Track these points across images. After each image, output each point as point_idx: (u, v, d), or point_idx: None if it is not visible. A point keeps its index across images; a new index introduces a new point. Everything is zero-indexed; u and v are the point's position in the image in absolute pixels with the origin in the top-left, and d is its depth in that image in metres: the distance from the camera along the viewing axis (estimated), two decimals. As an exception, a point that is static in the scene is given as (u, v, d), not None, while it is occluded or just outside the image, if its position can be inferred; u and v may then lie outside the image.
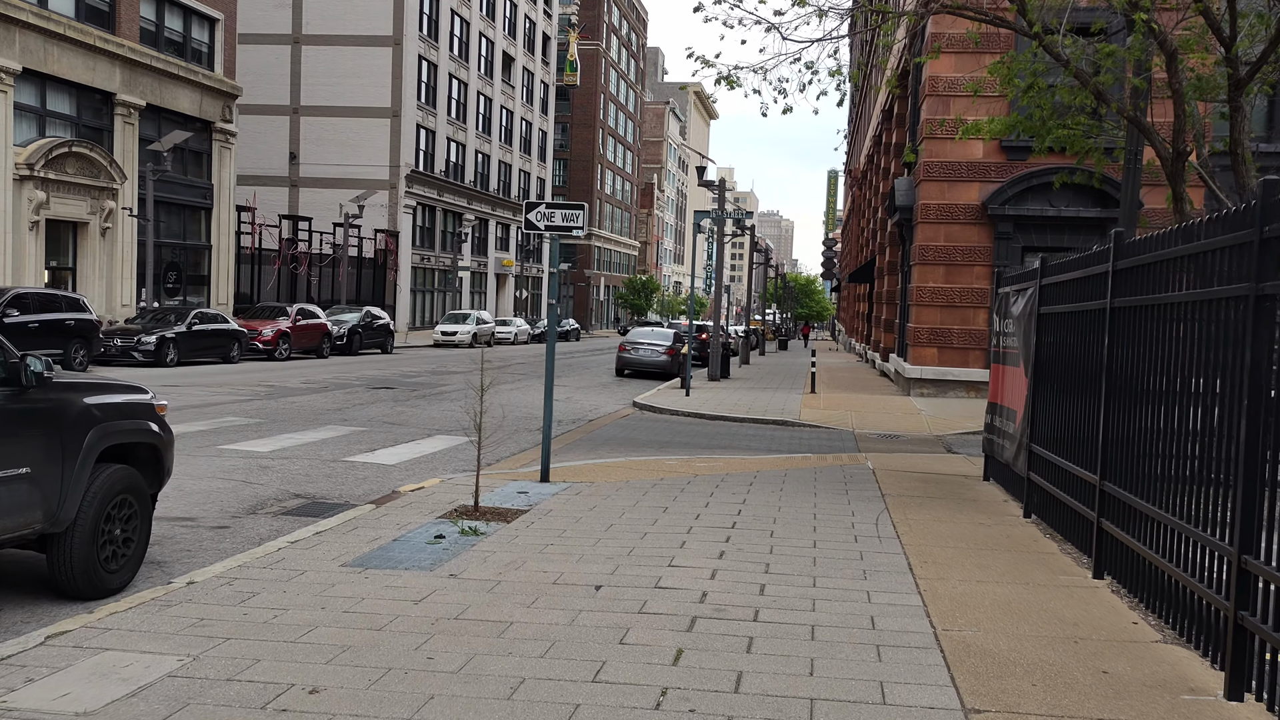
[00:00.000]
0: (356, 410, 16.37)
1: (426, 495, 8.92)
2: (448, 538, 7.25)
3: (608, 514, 8.28)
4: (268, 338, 28.20)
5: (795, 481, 10.28)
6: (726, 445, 14.51)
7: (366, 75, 53.86)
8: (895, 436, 16.16)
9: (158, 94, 33.54)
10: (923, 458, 12.91)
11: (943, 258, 21.36)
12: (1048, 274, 8.46)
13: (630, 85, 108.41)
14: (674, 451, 13.51)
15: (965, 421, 17.97)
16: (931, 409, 19.75)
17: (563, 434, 15.10)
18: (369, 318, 35.33)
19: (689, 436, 15.43)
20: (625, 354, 28.55)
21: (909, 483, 10.44)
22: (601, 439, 14.71)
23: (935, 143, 21.15)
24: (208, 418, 14.36)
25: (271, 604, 5.47)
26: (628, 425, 16.63)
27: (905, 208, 22.60)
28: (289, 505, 8.77)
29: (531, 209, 9.84)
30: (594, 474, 10.58)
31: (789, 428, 17.10)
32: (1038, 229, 21.03)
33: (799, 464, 11.84)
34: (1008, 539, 7.80)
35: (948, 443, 15.74)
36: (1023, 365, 9.21)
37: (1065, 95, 11.82)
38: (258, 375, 22.62)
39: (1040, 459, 8.37)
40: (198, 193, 36.57)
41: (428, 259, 57.70)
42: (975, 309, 21.34)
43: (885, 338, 31.04)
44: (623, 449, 13.56)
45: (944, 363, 21.55)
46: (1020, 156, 20.89)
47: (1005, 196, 20.73)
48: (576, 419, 17.16)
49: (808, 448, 14.52)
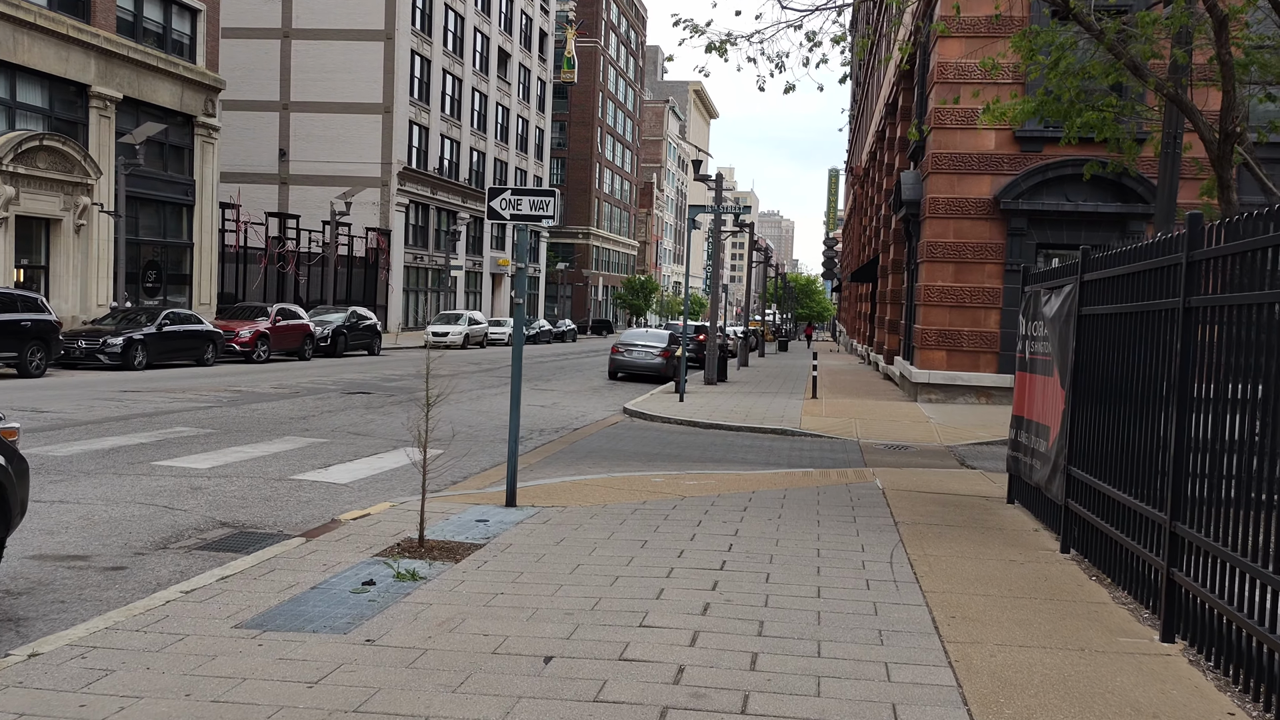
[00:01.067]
0: (323, 419, 15.17)
1: (369, 525, 7.71)
2: (379, 584, 6.04)
3: (576, 550, 7.08)
4: (245, 339, 27.00)
5: (796, 505, 9.08)
6: (720, 458, 13.31)
7: (358, 70, 52.67)
8: (903, 447, 14.96)
9: (135, 86, 32.34)
10: (936, 474, 11.70)
11: (952, 255, 20.15)
12: (1091, 268, 7.26)
13: (629, 83, 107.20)
14: (663, 465, 12.32)
15: (977, 430, 16.76)
16: (941, 416, 18.55)
17: (543, 445, 13.91)
18: (355, 318, 34.13)
19: (680, 448, 14.23)
20: (618, 356, 27.35)
21: (924, 506, 9.23)
22: (584, 450, 13.50)
23: (944, 133, 19.94)
24: (155, 428, 13.16)
25: (124, 688, 4.27)
26: (615, 435, 15.43)
27: (912, 202, 21.38)
28: (209, 537, 7.57)
29: (495, 195, 8.65)
30: (569, 495, 9.38)
31: (789, 437, 15.89)
32: (1053, 225, 19.80)
33: (800, 482, 10.64)
34: (1047, 582, 6.59)
35: (960, 454, 14.54)
36: (1057, 374, 8.01)
37: (1098, 70, 10.60)
38: (228, 379, 21.42)
39: (1082, 485, 7.16)
40: (179, 189, 35.37)
41: (421, 258, 56.51)
42: (986, 309, 20.13)
43: (889, 339, 29.84)
44: (606, 463, 12.36)
45: (953, 366, 20.34)
46: (1035, 148, 19.67)
47: (1019, 190, 19.51)
48: (561, 427, 15.96)
49: (809, 461, 13.32)
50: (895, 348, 29.10)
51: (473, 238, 64.57)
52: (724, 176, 20.65)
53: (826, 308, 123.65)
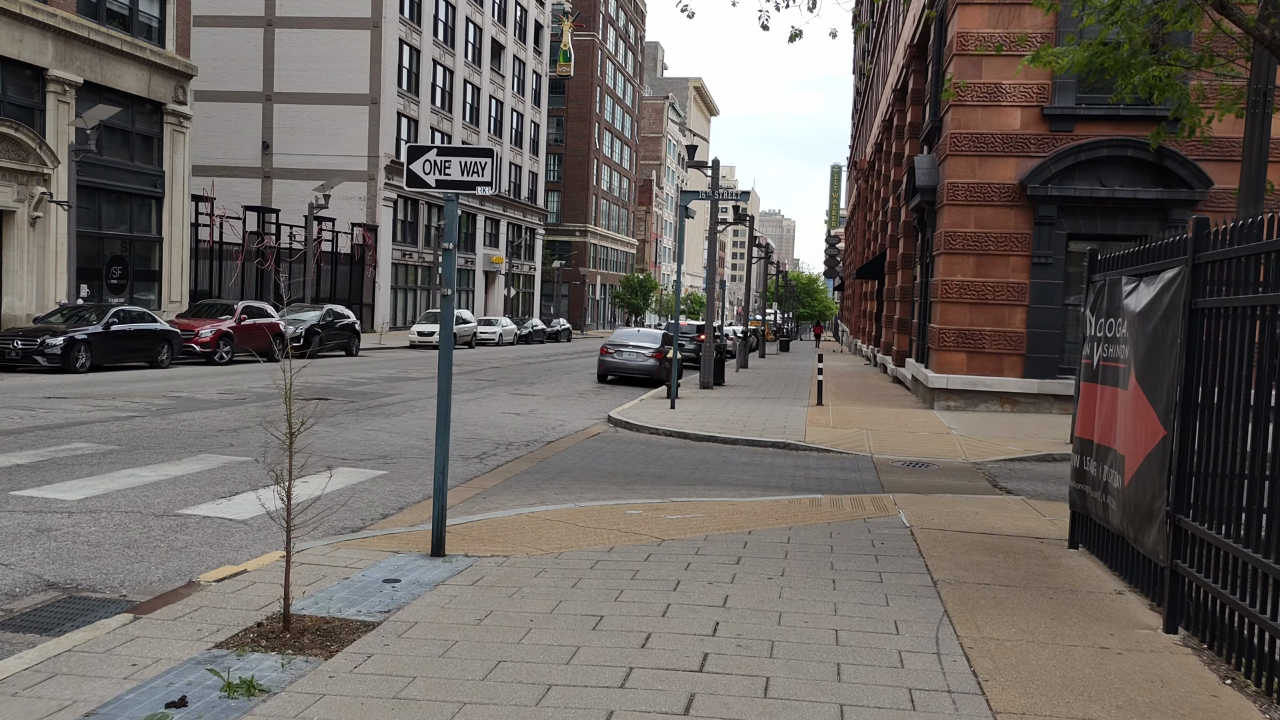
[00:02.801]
0: (257, 432, 13.22)
1: (234, 591, 5.77)
2: (192, 705, 4.10)
3: (502, 634, 5.14)
4: (205, 339, 25.05)
5: (803, 554, 7.13)
6: (713, 479, 11.36)
7: (343, 60, 50.74)
8: (924, 465, 13.01)
9: (98, 71, 30.39)
10: (970, 504, 9.75)
11: (973, 246, 18.18)
12: (1209, 245, 5.32)
13: (628, 79, 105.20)
14: (644, 489, 10.38)
15: (1006, 443, 14.81)
16: (962, 426, 16.59)
17: (507, 463, 11.97)
18: (332, 316, 32.17)
19: (667, 465, 12.28)
20: (608, 358, 25.41)
21: (966, 554, 7.29)
22: (554, 470, 11.56)
23: (964, 111, 17.97)
24: (49, 444, 11.22)
25: None
26: (594, 449, 13.48)
27: (927, 188, 19.41)
28: (17, 608, 5.63)
29: (416, 156, 6.71)
30: (518, 536, 7.44)
31: (792, 452, 13.94)
32: (1086, 213, 17.82)
33: (807, 515, 8.70)
34: (1165, 690, 4.64)
35: (990, 473, 12.59)
36: (1142, 387, 6.07)
37: (1170, 13, 8.64)
38: (174, 383, 19.47)
39: (1201, 544, 5.23)
40: (147, 180, 33.41)
41: (410, 255, 54.57)
42: (1011, 306, 18.15)
43: (899, 339, 27.87)
44: (577, 486, 10.43)
45: (974, 370, 18.37)
46: (1065, 126, 17.69)
47: (1048, 174, 17.54)
48: (533, 440, 14.02)
49: (816, 482, 11.38)
50: (906, 349, 27.14)
51: (465, 234, 62.64)
52: (725, 176, 18.47)
53: (828, 307, 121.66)
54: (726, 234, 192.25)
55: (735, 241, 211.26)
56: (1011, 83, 17.65)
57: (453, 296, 6.75)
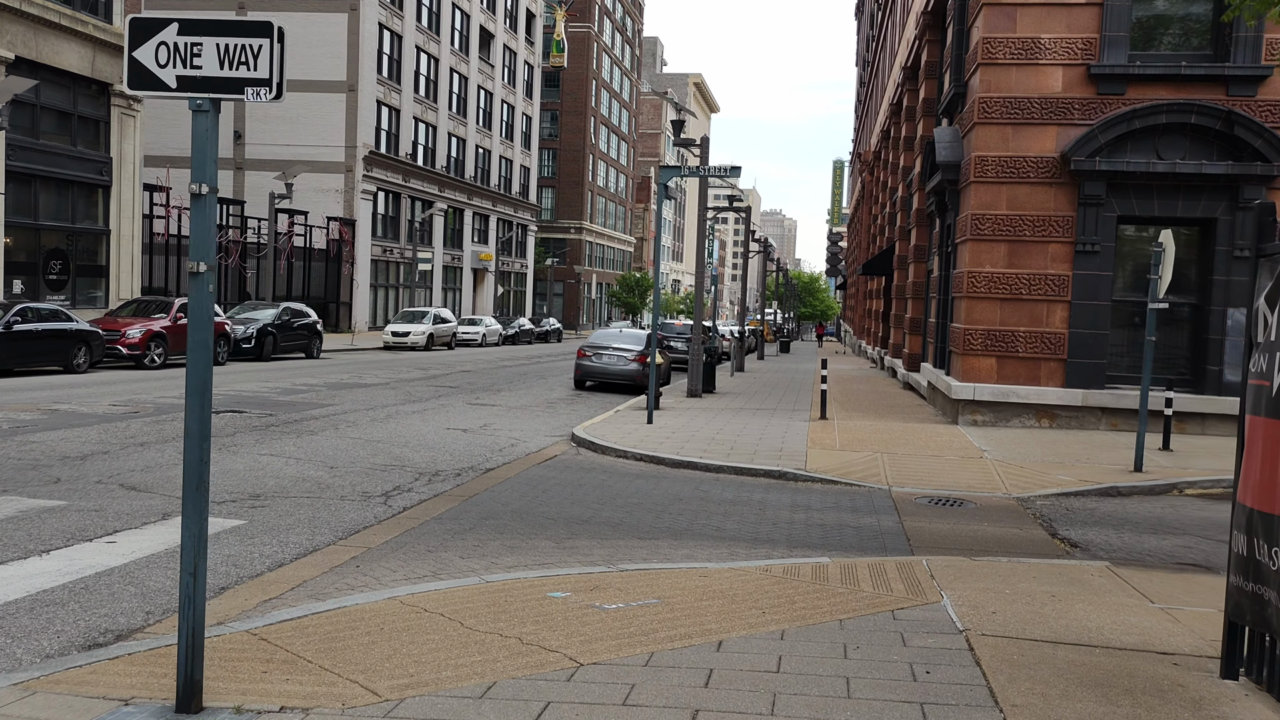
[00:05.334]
0: (115, 458, 10.47)
1: None
2: None
3: None
4: (133, 341, 22.29)
5: (803, 708, 4.38)
6: (684, 528, 8.60)
7: (319, 44, 47.97)
8: (957, 503, 10.25)
9: (33, 47, 27.65)
10: (1040, 577, 6.97)
11: (1005, 231, 15.40)
12: None
13: (625, 73, 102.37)
14: (587, 545, 7.64)
15: (1052, 471, 12.04)
16: (995, 447, 13.82)
17: (422, 502, 9.23)
18: (289, 315, 29.39)
19: (627, 505, 9.52)
20: (585, 361, 22.65)
21: (1066, 698, 4.53)
22: (479, 514, 8.81)
23: (996, 71, 15.20)
24: None
25: None
26: (541, 481, 10.73)
27: (949, 165, 16.61)
28: None
29: (146, 35, 3.95)
30: (360, 653, 4.69)
31: (790, 484, 11.18)
32: (1140, 191, 15.04)
33: (809, 601, 5.96)
34: None
35: (1043, 515, 9.84)
36: None
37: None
38: (70, 392, 16.71)
39: None
40: (91, 167, 30.65)
41: (391, 251, 51.78)
42: (1050, 303, 15.38)
43: (910, 341, 25.10)
44: (498, 543, 7.68)
45: (1005, 378, 15.59)
46: (1116, 88, 14.90)
47: (1096, 145, 14.76)
48: (468, 468, 11.27)
49: (821, 532, 8.63)
50: (919, 351, 24.38)
51: (453, 230, 59.91)
52: (706, 136, 16.07)
53: (830, 306, 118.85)
54: (728, 234, 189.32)
55: (736, 240, 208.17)
56: (1052, 36, 14.89)
57: (206, 276, 4.00)
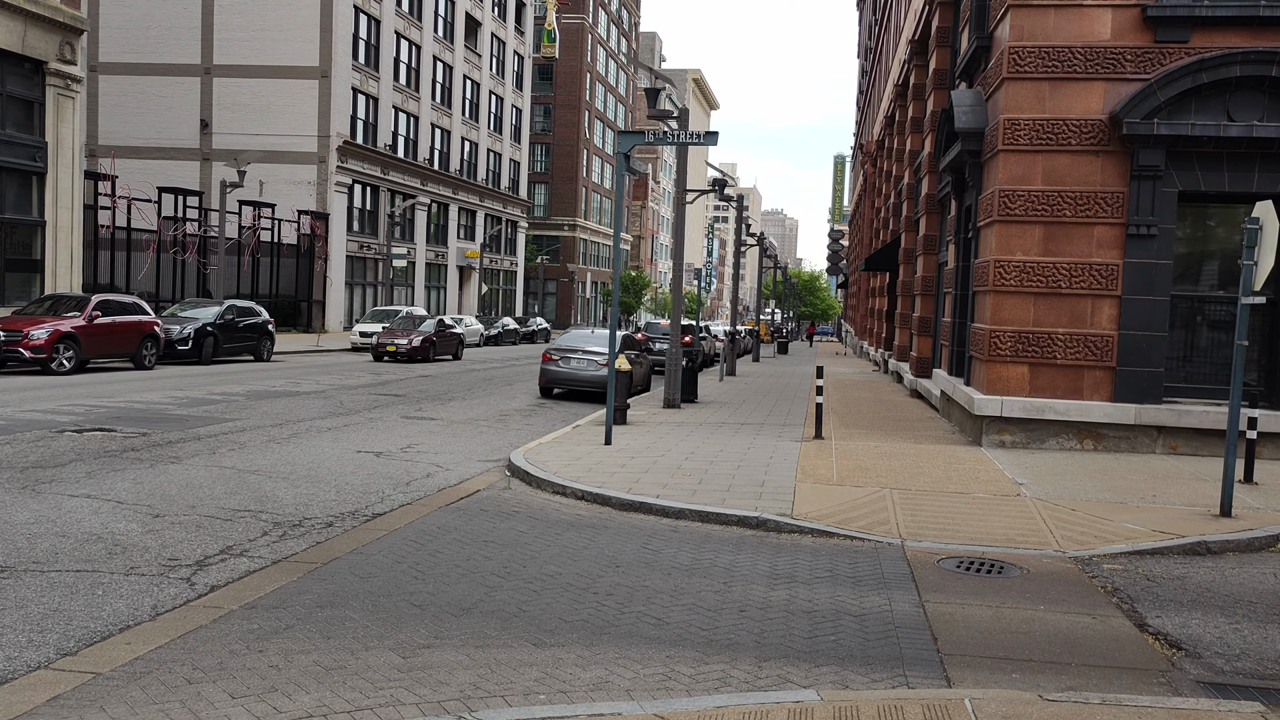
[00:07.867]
0: None
1: None
2: None
3: None
4: (37, 342, 19.57)
5: None
6: (607, 622, 5.87)
7: (291, 29, 45.27)
8: (996, 568, 7.51)
9: (-50, 18, 25.02)
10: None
11: (1040, 210, 12.66)
12: None
13: (621, 66, 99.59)
14: (449, 660, 4.92)
15: (1114, 515, 9.29)
16: (1034, 479, 11.07)
17: (248, 575, 6.51)
18: (234, 314, 26.64)
19: (537, 581, 6.77)
20: (551, 366, 19.92)
21: None
22: (320, 596, 6.09)
23: (1029, 14, 12.45)
24: None
25: None
26: (435, 535, 7.98)
27: (972, 133, 13.84)
28: None
29: None
30: None
31: (769, 538, 8.43)
32: (1207, 161, 12.29)
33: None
34: None
35: (1120, 590, 7.11)
36: None
37: None
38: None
39: None
40: (23, 152, 27.93)
41: (369, 247, 49.04)
42: (1096, 298, 12.62)
43: (919, 343, 22.35)
44: (309, 660, 4.96)
45: (1039, 390, 12.84)
46: (1178, 35, 12.16)
47: (1154, 104, 12.02)
48: (351, 512, 8.55)
49: (807, 624, 5.90)
50: (928, 354, 21.63)
51: (437, 226, 57.20)
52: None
53: (831, 305, 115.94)
54: (728, 233, 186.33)
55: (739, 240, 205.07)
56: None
57: None
